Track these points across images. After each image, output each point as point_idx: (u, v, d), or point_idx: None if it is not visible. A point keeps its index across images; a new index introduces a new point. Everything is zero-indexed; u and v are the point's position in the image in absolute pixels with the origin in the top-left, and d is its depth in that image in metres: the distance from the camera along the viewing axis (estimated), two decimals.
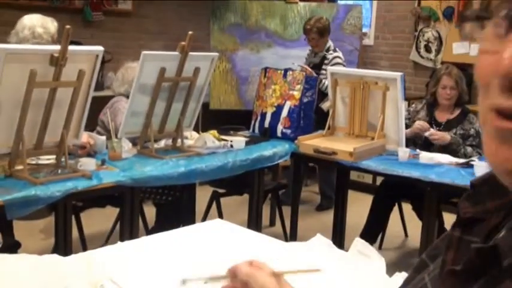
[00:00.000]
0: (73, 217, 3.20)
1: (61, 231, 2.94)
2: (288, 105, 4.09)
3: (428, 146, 3.83)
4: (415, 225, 3.97)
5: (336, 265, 1.68)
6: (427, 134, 3.81)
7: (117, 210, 3.93)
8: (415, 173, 3.31)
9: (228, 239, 2.06)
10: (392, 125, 3.75)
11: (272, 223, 4.56)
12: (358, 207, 4.39)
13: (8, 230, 3.33)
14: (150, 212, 3.98)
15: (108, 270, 1.68)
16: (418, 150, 3.66)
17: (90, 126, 3.54)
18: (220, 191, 4.11)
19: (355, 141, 3.78)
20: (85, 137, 3.19)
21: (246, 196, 3.94)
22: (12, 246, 3.29)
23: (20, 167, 2.83)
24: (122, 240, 3.08)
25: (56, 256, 1.67)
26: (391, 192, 4.01)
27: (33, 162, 3.01)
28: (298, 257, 1.73)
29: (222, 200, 4.11)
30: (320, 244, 1.80)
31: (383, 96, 3.76)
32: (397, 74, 3.78)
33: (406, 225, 4.38)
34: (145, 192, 3.64)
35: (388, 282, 1.59)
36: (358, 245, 1.72)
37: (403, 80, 3.76)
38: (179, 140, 3.54)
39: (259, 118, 4.17)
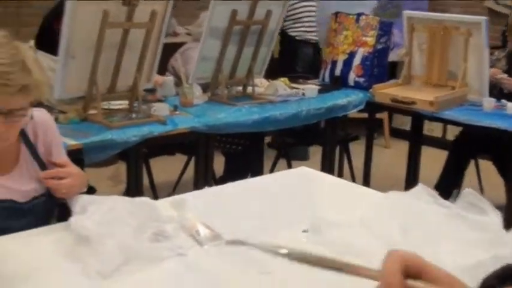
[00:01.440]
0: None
1: (133, 177, 2.89)
2: (360, 52, 3.89)
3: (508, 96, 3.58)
4: (490, 182, 3.77)
5: (445, 218, 1.54)
6: (498, 76, 3.57)
7: (185, 158, 3.90)
8: (502, 125, 3.09)
9: (318, 188, 1.95)
10: (475, 74, 3.51)
11: (340, 175, 4.43)
12: (429, 161, 4.20)
13: None
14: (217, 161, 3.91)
15: (199, 216, 1.60)
16: (504, 100, 3.43)
17: (159, 72, 3.45)
18: (289, 140, 3.99)
19: (434, 90, 3.56)
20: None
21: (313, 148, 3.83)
22: (88, 192, 3.26)
23: (94, 111, 2.77)
24: (196, 188, 3.03)
25: (146, 199, 1.59)
26: (469, 146, 3.80)
27: (105, 107, 2.96)
28: (402, 208, 1.60)
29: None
30: (423, 195, 1.66)
31: (465, 43, 3.52)
32: (481, 18, 3.51)
33: (482, 182, 4.17)
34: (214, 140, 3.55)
35: (507, 237, 1.45)
36: (469, 196, 1.58)
37: (487, 25, 3.50)
38: (250, 87, 3.43)
39: (329, 66, 4.00)
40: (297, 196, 1.83)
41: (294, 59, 4.71)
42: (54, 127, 1.70)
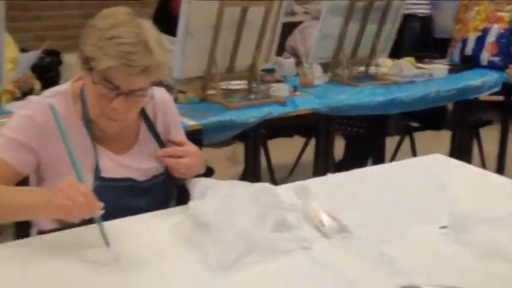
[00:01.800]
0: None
1: (251, 159, 2.83)
2: (495, 29, 3.55)
3: None
4: None
5: None
6: None
7: (303, 140, 3.79)
8: None
9: (455, 178, 1.75)
10: None
11: (468, 163, 4.11)
12: None
13: None
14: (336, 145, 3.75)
15: (323, 205, 1.48)
16: None
17: (277, 52, 3.35)
18: (414, 125, 3.74)
19: None
20: None
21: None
22: (207, 173, 3.25)
23: (212, 92, 2.73)
24: (316, 172, 2.92)
25: (267, 184, 1.49)
26: None
27: (224, 87, 2.90)
28: None
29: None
30: None
31: None
32: None
33: None
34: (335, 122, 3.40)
35: None
36: None
37: None
38: (372, 67, 3.23)
39: (459, 45, 3.69)
40: (431, 187, 1.65)
41: (400, 34, 4.40)
42: (173, 106, 1.65)
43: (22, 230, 1.56)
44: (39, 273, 1.19)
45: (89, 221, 1.29)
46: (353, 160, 3.51)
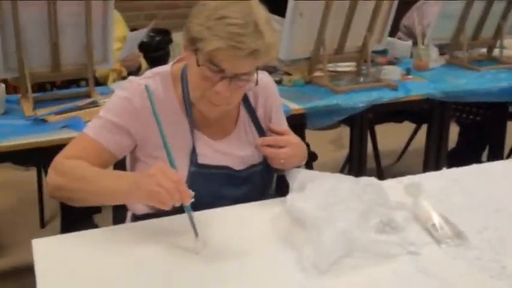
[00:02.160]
0: None
1: (356, 143, 2.67)
2: None
3: None
4: None
5: None
6: None
7: (413, 126, 3.57)
8: None
9: None
10: None
11: None
12: None
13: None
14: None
15: (436, 205, 1.32)
16: None
17: (390, 33, 3.15)
18: None
19: None
20: None
21: None
22: (310, 158, 3.15)
23: (319, 74, 2.61)
24: (426, 162, 2.72)
25: (373, 179, 1.36)
26: None
27: (331, 69, 2.77)
28: None
29: None
30: None
31: None
32: None
33: None
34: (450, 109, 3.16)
35: None
36: None
37: None
38: (496, 50, 2.96)
39: None
40: None
41: None
42: (275, 91, 1.55)
43: (119, 213, 1.55)
44: (128, 260, 1.15)
45: (182, 209, 1.25)
46: (467, 150, 3.26)
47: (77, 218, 2.50)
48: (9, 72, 2.17)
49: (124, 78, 2.76)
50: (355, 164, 2.66)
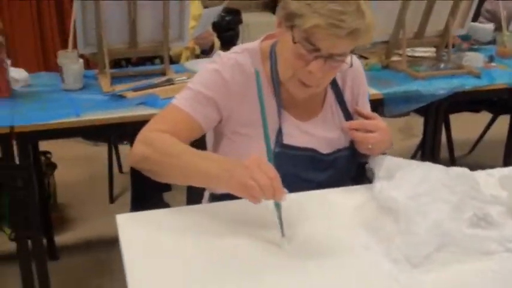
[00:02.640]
0: None
1: (430, 132, 2.57)
2: None
3: None
4: None
5: None
6: None
7: (486, 117, 3.43)
8: None
9: None
10: None
11: None
12: None
13: None
14: None
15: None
16: None
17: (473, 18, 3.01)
18: None
19: None
20: None
21: None
22: None
23: (397, 58, 2.52)
24: (507, 154, 2.60)
25: (465, 170, 1.28)
26: None
27: (409, 54, 2.67)
28: None
29: None
30: None
31: None
32: None
33: None
34: None
35: None
36: None
37: None
38: None
39: None
40: None
41: None
42: (363, 74, 1.49)
43: (194, 192, 1.53)
44: (200, 243, 1.13)
45: None
46: None
47: (147, 195, 2.53)
48: (89, 47, 2.19)
49: (197, 56, 2.75)
50: (428, 154, 2.56)
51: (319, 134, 1.41)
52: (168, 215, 1.25)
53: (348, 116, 1.45)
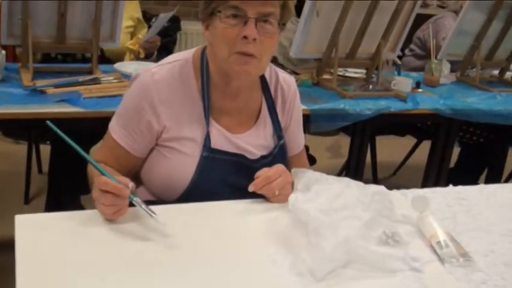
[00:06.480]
0: None
1: (355, 153, 2.61)
2: None
3: None
4: None
5: None
6: None
7: (410, 142, 3.52)
8: None
9: None
10: None
11: None
12: None
13: None
14: None
15: (442, 222, 1.27)
16: None
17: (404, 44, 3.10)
18: None
19: None
20: None
21: None
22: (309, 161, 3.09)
23: (327, 77, 2.55)
24: (426, 179, 2.67)
25: (382, 188, 1.29)
26: None
27: (341, 73, 2.71)
28: None
29: None
30: None
31: None
32: None
33: None
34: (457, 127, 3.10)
35: None
36: None
37: None
38: (509, 72, 2.91)
39: None
40: None
41: None
42: (297, 95, 1.53)
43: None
44: (110, 244, 1.08)
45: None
46: (466, 171, 3.20)
47: (63, 197, 2.43)
48: (12, 38, 2.10)
49: (139, 60, 2.71)
50: (352, 173, 2.60)
51: (248, 147, 1.41)
52: (69, 218, 1.17)
53: (278, 125, 1.46)
